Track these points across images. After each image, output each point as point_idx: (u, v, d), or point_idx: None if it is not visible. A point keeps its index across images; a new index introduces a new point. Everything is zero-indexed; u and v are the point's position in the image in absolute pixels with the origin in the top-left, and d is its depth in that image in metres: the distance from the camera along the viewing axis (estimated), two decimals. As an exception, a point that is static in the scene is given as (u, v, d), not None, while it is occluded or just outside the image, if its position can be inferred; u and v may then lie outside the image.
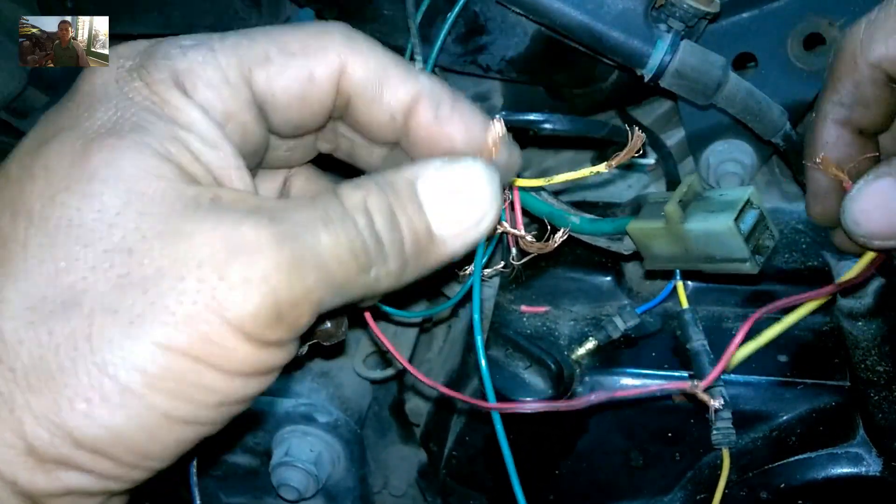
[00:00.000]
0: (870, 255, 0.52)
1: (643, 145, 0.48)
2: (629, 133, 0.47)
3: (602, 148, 0.88)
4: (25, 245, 0.32)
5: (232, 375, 0.33)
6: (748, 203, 0.51)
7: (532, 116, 0.55)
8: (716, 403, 0.41)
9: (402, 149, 0.45)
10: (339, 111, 0.43)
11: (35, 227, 0.32)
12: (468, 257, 0.46)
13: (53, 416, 0.31)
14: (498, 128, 0.43)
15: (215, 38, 0.39)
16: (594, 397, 0.43)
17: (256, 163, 0.43)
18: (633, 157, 0.48)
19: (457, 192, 0.39)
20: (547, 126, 0.55)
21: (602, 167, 0.50)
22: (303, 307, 0.34)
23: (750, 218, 0.51)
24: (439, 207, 0.39)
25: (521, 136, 0.50)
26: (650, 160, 0.77)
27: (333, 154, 0.49)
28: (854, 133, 0.50)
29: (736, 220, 0.49)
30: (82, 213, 0.32)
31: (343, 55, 0.40)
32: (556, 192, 0.69)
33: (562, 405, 0.44)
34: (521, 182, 0.53)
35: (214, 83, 0.37)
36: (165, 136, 0.35)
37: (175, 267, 0.32)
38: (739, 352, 0.45)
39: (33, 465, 0.32)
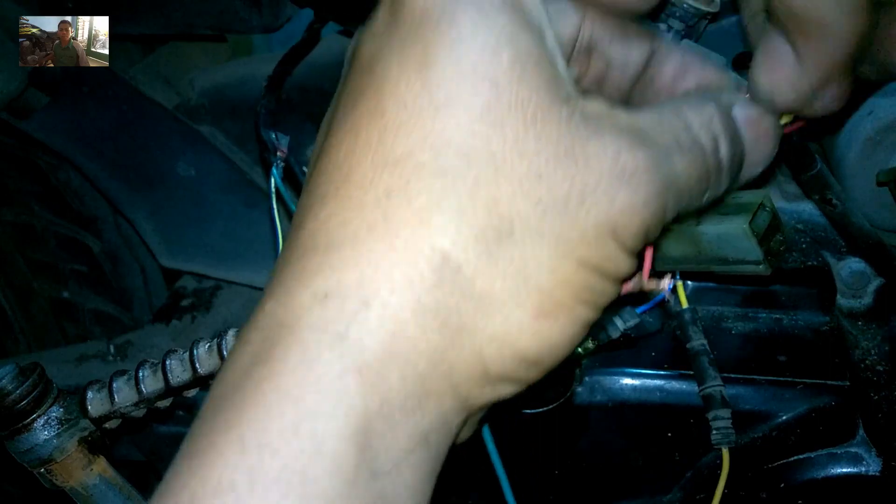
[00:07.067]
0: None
1: None
2: None
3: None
4: (454, 179, 0.34)
5: (616, 282, 0.37)
6: (761, 206, 0.51)
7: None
8: (664, 283, 0.44)
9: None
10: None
11: (458, 161, 0.34)
12: None
13: (507, 337, 0.34)
14: None
15: None
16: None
17: None
18: None
19: (761, 120, 0.42)
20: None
21: None
22: (659, 225, 0.37)
23: (763, 220, 0.51)
24: (748, 136, 0.42)
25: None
26: None
27: (580, 82, 0.48)
28: None
29: (750, 222, 0.49)
30: (491, 142, 0.34)
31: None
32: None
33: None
34: None
35: None
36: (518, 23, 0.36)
37: (576, 192, 0.34)
38: None
39: (483, 383, 0.35)
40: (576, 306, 0.35)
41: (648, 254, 0.43)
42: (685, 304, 0.72)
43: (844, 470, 0.72)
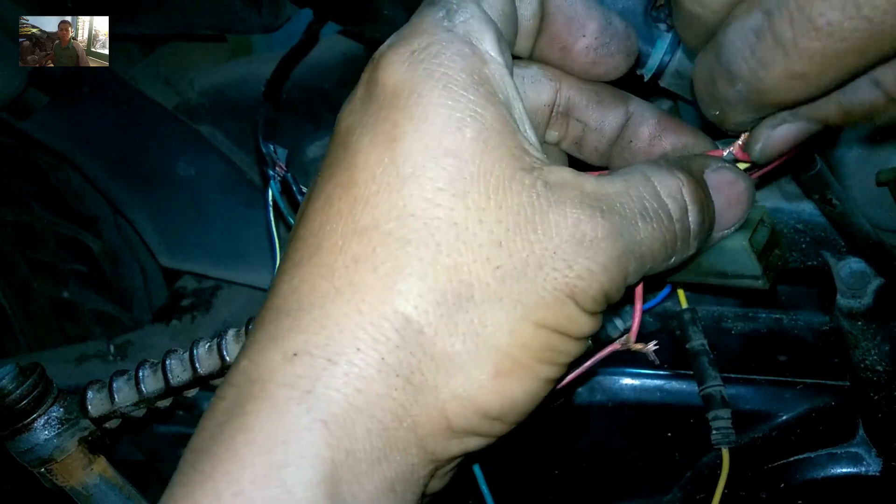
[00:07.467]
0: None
1: None
2: None
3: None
4: (417, 247, 0.36)
5: (578, 341, 0.39)
6: (761, 222, 0.51)
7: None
8: (650, 347, 0.48)
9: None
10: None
11: (422, 230, 0.36)
12: None
13: (468, 395, 0.36)
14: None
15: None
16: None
17: None
18: None
19: (735, 184, 0.44)
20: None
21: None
22: (621, 288, 0.39)
23: (762, 236, 0.51)
24: (720, 200, 0.44)
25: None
26: None
27: (560, 144, 0.50)
28: None
29: (750, 238, 0.49)
30: (454, 212, 0.36)
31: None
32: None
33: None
34: None
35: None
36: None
37: (535, 258, 0.36)
38: None
39: (448, 437, 0.37)
40: (535, 365, 0.37)
41: (637, 316, 0.45)
42: (685, 305, 0.72)
43: (844, 470, 0.72)
